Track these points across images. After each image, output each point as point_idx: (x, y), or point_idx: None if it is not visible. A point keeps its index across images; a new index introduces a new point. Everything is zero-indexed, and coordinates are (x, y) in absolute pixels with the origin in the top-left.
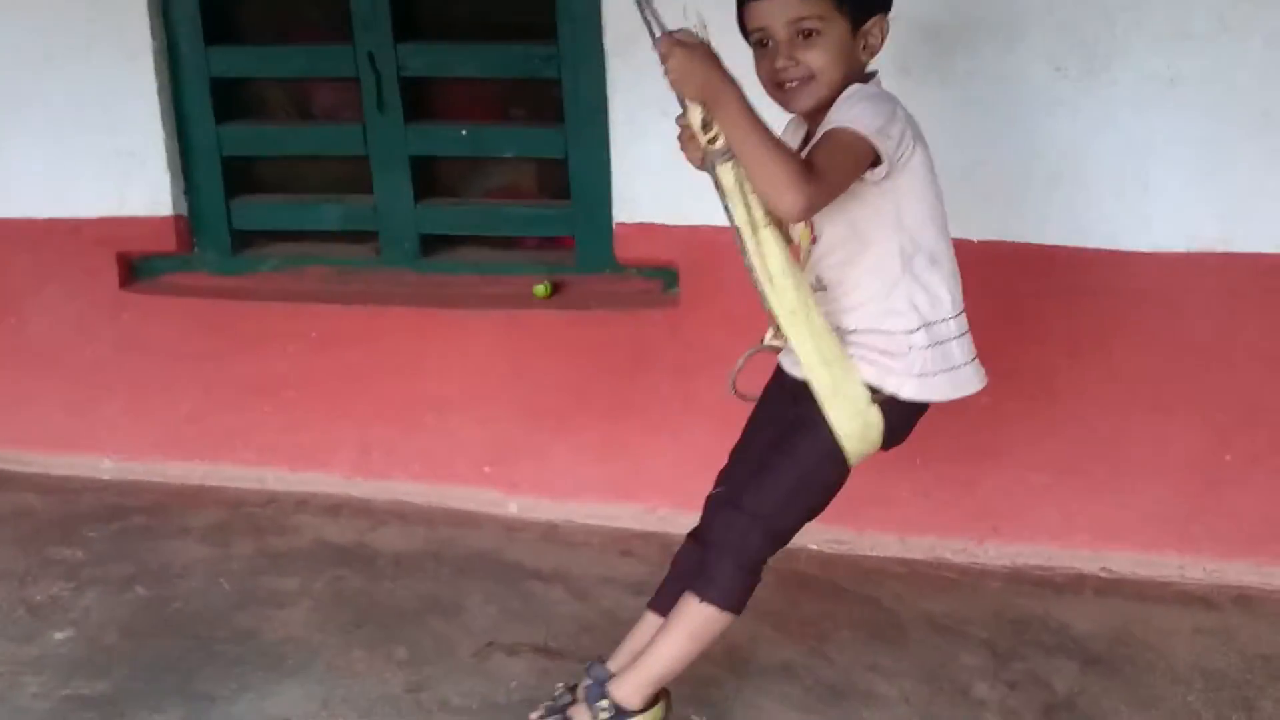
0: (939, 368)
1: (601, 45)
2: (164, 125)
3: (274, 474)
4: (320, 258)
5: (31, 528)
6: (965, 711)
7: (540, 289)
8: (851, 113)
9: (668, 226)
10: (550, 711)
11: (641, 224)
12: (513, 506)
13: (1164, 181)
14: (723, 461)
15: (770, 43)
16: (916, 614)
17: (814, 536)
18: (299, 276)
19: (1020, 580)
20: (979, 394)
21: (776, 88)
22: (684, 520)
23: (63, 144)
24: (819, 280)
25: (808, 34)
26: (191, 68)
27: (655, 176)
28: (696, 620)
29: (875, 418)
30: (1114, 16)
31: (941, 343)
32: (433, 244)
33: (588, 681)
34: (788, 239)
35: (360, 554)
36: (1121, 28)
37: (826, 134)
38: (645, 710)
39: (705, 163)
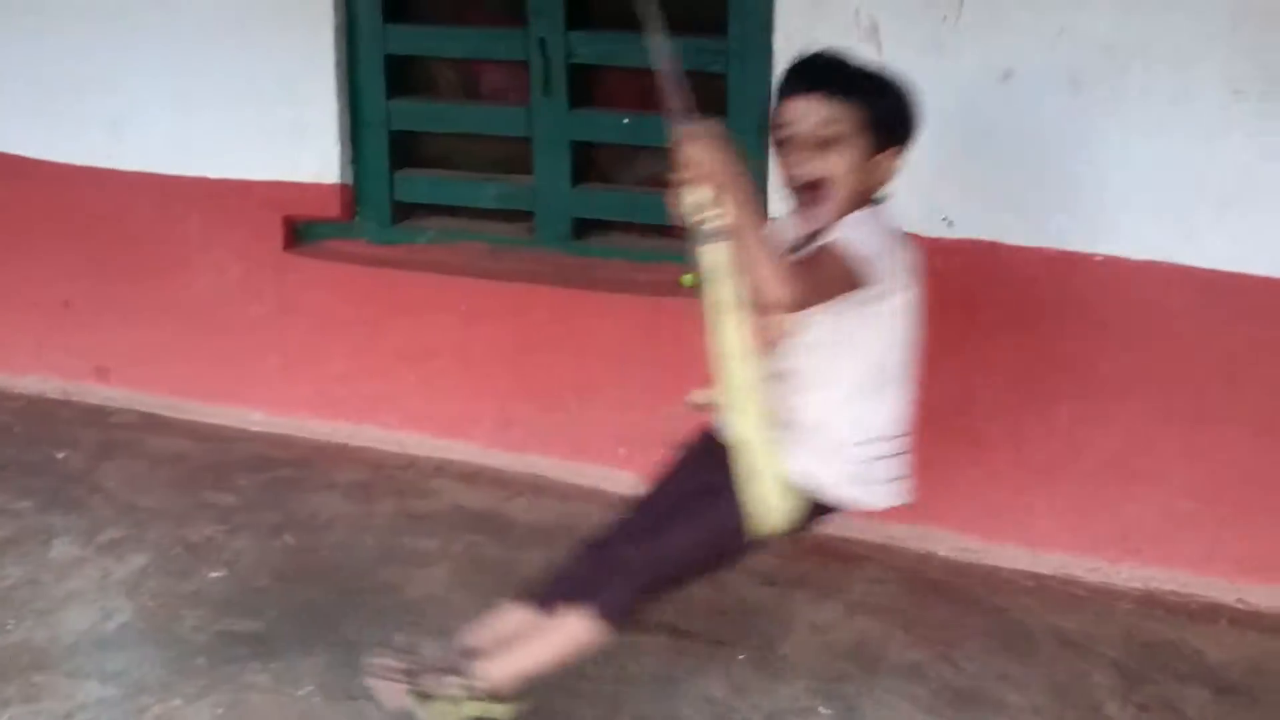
0: (860, 480)
1: (771, 44)
2: (338, 98)
3: (415, 439)
4: (475, 234)
5: (186, 472)
6: None
7: (687, 278)
8: (850, 234)
9: None
10: (406, 671)
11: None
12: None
13: None
14: None
15: (794, 140)
16: (1046, 628)
17: (945, 544)
18: (454, 251)
19: (1153, 604)
20: (1130, 414)
21: (792, 184)
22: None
23: (242, 110)
24: (782, 369)
25: (826, 142)
26: (369, 44)
27: None
28: (580, 632)
29: (785, 507)
30: None
31: (871, 460)
32: (585, 227)
33: (450, 652)
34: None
35: (496, 522)
36: None
37: (824, 246)
38: (508, 701)
39: (693, 238)
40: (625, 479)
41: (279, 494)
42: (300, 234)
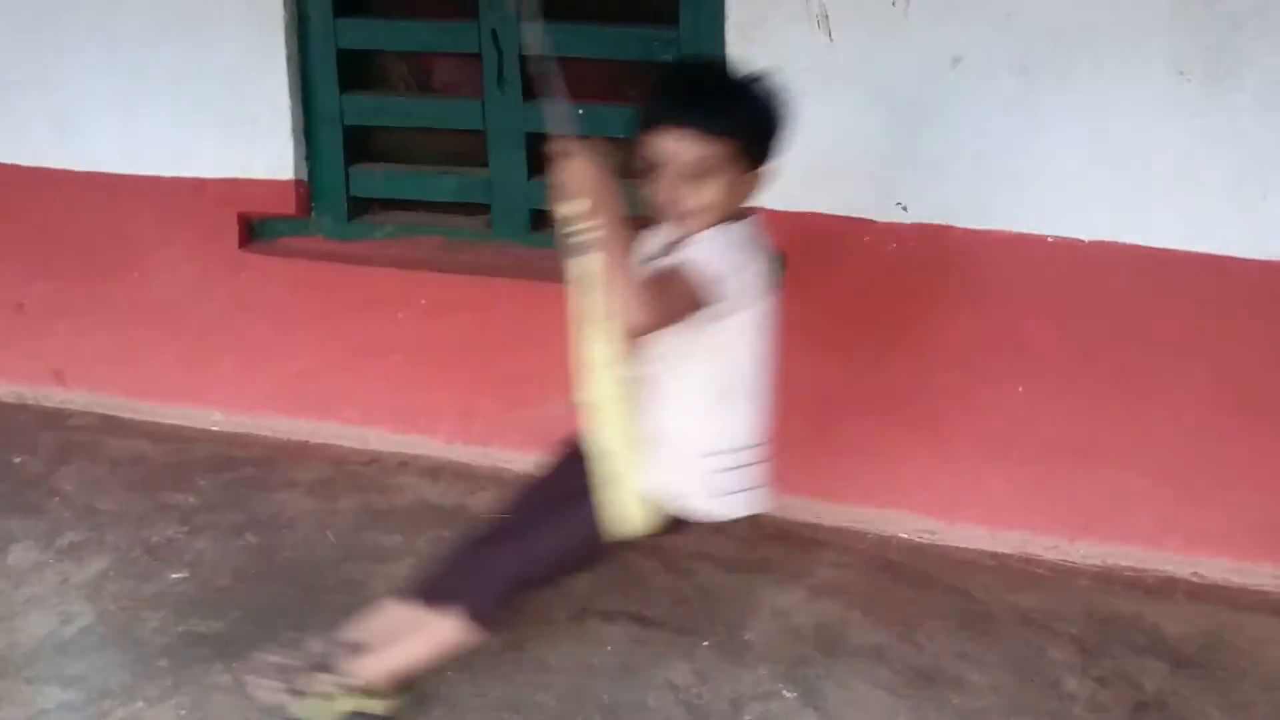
0: (711, 492)
1: (723, 32)
2: (290, 93)
3: (377, 434)
4: (433, 228)
5: (145, 473)
6: (1054, 704)
7: None
8: (703, 254)
9: (776, 212)
10: (281, 669)
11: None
12: None
13: None
14: (813, 448)
15: (666, 170)
16: (1005, 607)
17: (904, 526)
18: (411, 245)
19: (1110, 580)
20: (1083, 393)
21: (664, 210)
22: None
23: (192, 107)
24: (638, 380)
25: (703, 173)
26: (320, 38)
27: None
28: (449, 632)
29: (641, 517)
30: (1241, 22)
31: (721, 471)
32: (543, 219)
33: (326, 648)
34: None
35: (460, 516)
36: (1248, 35)
37: (676, 266)
38: (383, 698)
39: (565, 247)
40: None
41: (240, 493)
42: (256, 231)
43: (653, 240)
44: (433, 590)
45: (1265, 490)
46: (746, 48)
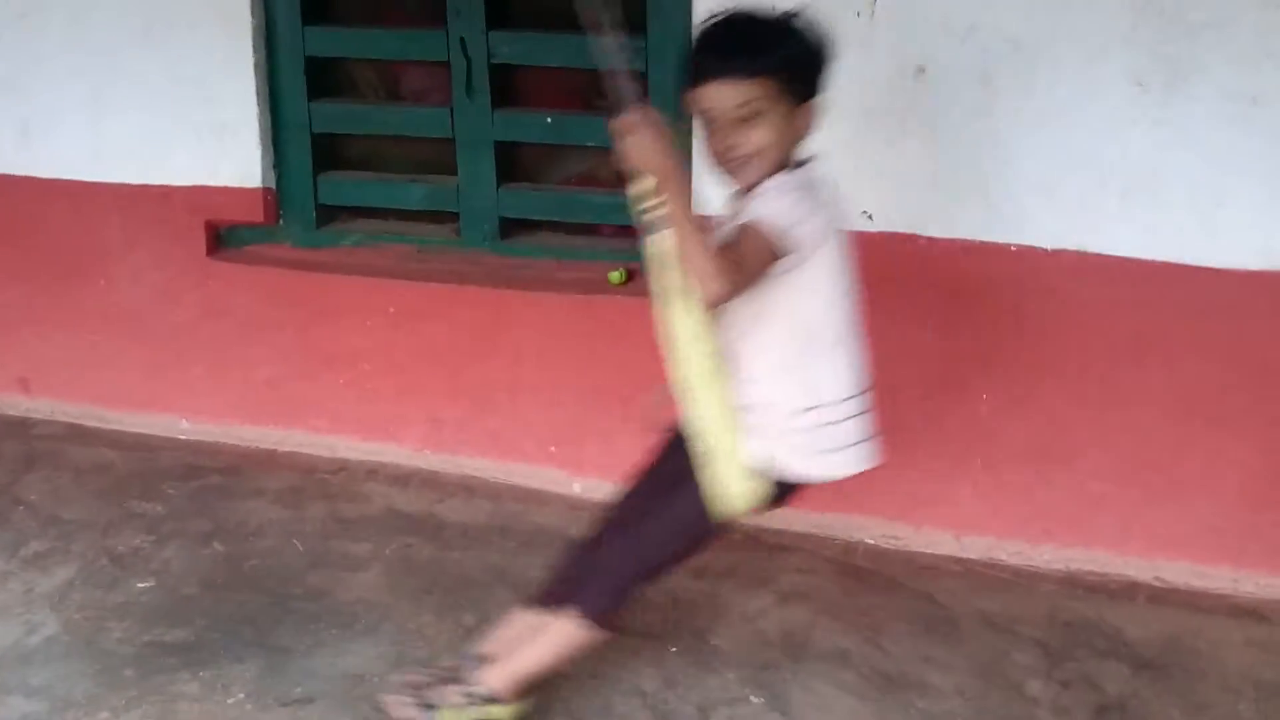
0: (811, 451)
1: (690, 41)
2: (258, 100)
3: (345, 443)
4: (401, 235)
5: (112, 482)
6: (1018, 707)
7: (615, 276)
8: (769, 207)
9: None
10: (415, 686)
11: (717, 218)
12: (576, 486)
13: (1240, 198)
14: None
15: (716, 123)
16: (970, 611)
17: (871, 531)
18: (380, 253)
19: (1074, 584)
20: (1046, 399)
21: (723, 164)
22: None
23: (159, 114)
24: (722, 349)
25: (750, 117)
26: (288, 46)
27: None
28: (567, 633)
29: (750, 488)
30: (1197, 34)
31: (820, 427)
32: (511, 227)
33: (459, 663)
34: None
35: (428, 524)
36: (1204, 45)
37: (744, 226)
38: (510, 703)
39: (641, 226)
40: (557, 477)
41: (207, 502)
42: (223, 239)
43: (728, 209)
44: (551, 594)
45: (1225, 495)
46: None
